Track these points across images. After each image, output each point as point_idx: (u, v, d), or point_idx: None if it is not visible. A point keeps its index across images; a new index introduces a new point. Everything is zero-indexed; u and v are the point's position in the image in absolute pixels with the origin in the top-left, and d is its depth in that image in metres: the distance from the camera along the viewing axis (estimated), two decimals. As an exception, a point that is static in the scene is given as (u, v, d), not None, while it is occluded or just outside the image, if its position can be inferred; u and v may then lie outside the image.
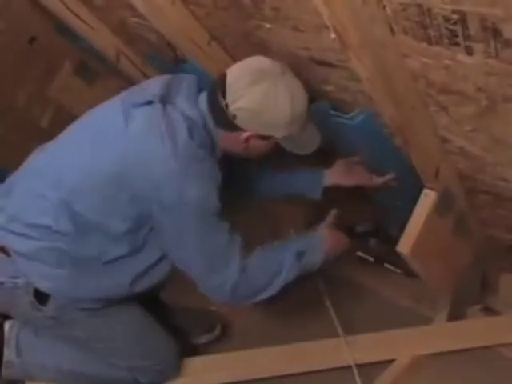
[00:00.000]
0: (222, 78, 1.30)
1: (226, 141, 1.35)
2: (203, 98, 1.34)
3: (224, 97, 1.28)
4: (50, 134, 1.57)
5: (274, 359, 1.66)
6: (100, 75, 2.35)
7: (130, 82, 2.08)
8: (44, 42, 2.21)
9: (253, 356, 1.67)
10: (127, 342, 1.54)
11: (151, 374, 1.58)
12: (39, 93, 2.33)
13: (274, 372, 1.64)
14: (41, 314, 1.44)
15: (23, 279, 1.41)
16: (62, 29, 2.03)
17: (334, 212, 1.56)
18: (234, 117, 1.29)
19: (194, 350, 1.74)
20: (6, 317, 1.62)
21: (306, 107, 1.33)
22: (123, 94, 1.42)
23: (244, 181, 1.60)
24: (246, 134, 1.31)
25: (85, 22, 1.74)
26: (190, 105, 1.33)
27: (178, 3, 1.33)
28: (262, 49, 1.33)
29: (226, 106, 1.28)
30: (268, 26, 1.23)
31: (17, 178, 1.47)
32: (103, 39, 1.83)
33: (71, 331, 1.50)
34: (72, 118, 1.55)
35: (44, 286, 1.41)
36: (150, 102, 1.31)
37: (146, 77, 1.95)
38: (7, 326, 1.60)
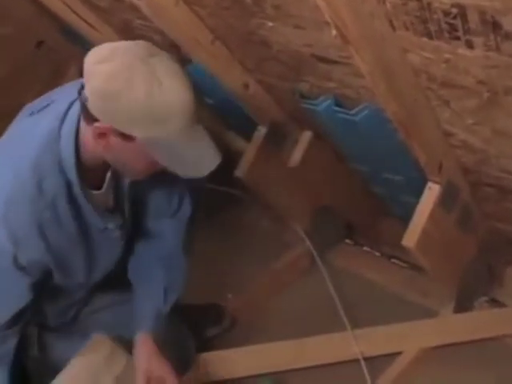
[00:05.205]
0: None
1: (88, 145, 1.17)
2: None
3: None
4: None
5: (281, 354, 1.67)
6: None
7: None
8: (51, 45, 2.23)
9: (260, 351, 1.68)
10: None
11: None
12: (46, 96, 2.35)
13: (281, 367, 1.65)
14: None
15: None
16: (69, 32, 2.05)
17: None
18: (86, 99, 1.10)
19: (202, 346, 1.75)
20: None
21: (186, 108, 1.08)
22: None
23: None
24: (100, 125, 1.10)
25: (90, 24, 1.75)
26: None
27: (181, 4, 1.34)
28: (265, 46, 1.35)
29: (82, 86, 1.13)
30: (270, 24, 1.24)
31: None
32: (108, 41, 1.84)
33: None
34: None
35: None
36: None
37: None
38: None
